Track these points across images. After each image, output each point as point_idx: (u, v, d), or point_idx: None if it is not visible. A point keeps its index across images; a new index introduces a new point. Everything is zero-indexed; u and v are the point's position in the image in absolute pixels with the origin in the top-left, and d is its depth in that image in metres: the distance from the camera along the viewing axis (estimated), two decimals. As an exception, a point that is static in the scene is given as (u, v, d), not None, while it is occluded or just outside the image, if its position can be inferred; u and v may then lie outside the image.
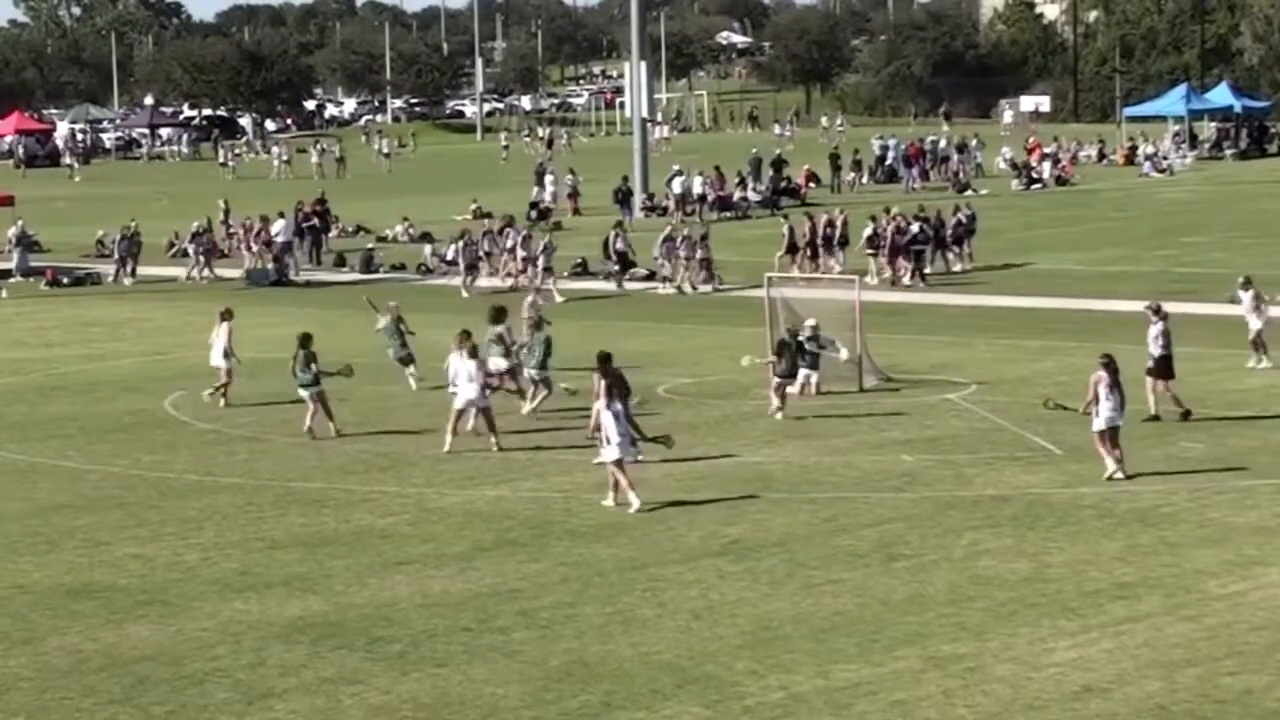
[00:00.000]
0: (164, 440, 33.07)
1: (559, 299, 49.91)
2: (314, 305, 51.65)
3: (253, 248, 60.20)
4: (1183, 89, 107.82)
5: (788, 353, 33.72)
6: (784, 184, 79.56)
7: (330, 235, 67.05)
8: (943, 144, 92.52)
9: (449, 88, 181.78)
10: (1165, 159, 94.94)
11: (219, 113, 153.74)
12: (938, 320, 46.87)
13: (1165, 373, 32.72)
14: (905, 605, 21.77)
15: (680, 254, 53.76)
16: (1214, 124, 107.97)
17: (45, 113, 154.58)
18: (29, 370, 42.05)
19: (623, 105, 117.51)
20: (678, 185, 74.53)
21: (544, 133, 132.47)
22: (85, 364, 42.98)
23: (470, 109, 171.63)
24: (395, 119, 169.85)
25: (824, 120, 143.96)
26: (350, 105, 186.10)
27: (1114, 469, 27.93)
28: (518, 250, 54.70)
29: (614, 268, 55.28)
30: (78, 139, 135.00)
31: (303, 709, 18.83)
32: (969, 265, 56.37)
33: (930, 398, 35.37)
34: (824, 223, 55.60)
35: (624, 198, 71.26)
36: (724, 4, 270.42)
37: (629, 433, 27.34)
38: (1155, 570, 23.01)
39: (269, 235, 59.62)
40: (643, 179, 76.50)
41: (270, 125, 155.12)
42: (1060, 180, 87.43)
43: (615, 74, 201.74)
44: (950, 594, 22.16)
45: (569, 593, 22.66)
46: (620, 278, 54.64)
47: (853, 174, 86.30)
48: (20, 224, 62.48)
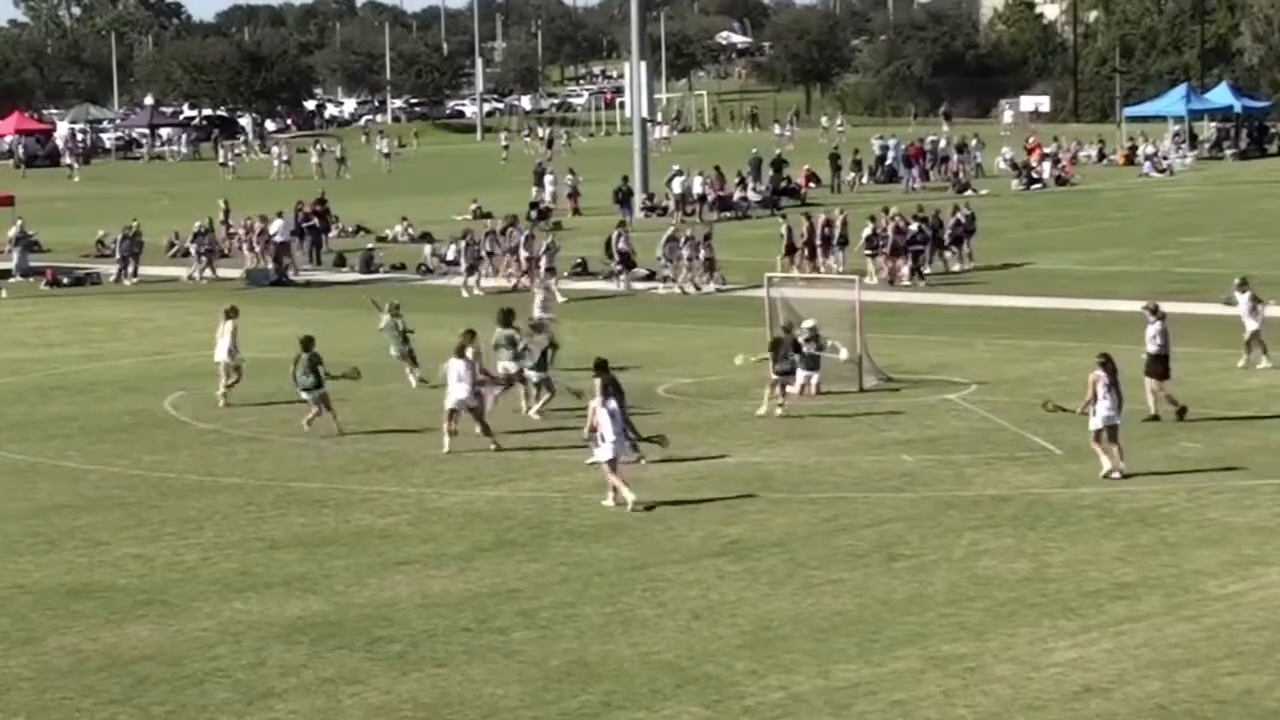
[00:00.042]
0: (164, 440, 33.07)
1: (560, 299, 49.89)
2: (314, 305, 51.66)
3: (255, 248, 60.31)
4: (1183, 89, 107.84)
5: (783, 350, 33.56)
6: (784, 184, 79.57)
7: (330, 235, 67.09)
8: (943, 144, 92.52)
9: (449, 88, 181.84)
10: (1165, 159, 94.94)
11: (219, 113, 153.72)
12: (937, 320, 46.87)
13: (1161, 372, 32.74)
14: (905, 605, 21.77)
15: (684, 254, 53.76)
16: (1214, 124, 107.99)
17: (45, 113, 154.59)
18: (29, 370, 42.04)
19: (623, 105, 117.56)
20: (678, 185, 74.54)
21: (544, 133, 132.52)
22: (85, 364, 42.98)
23: (470, 109, 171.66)
24: (395, 119, 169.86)
25: (824, 120, 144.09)
26: (350, 105, 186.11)
27: (1110, 468, 27.95)
28: (520, 250, 54.71)
29: (617, 268, 55.29)
30: (78, 139, 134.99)
31: (303, 709, 18.83)
32: (968, 265, 56.38)
33: (930, 398, 35.37)
34: (822, 223, 55.62)
35: (624, 198, 71.26)
36: (724, 4, 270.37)
37: (624, 431, 27.37)
38: (1155, 570, 23.02)
39: (268, 235, 59.69)
40: (643, 179, 76.47)
41: (270, 125, 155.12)
42: (1060, 180, 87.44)
43: (615, 74, 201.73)
44: (950, 594, 22.16)
45: (569, 593, 22.66)
46: (628, 279, 54.60)
47: (853, 174, 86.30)
48: (20, 224, 62.48)
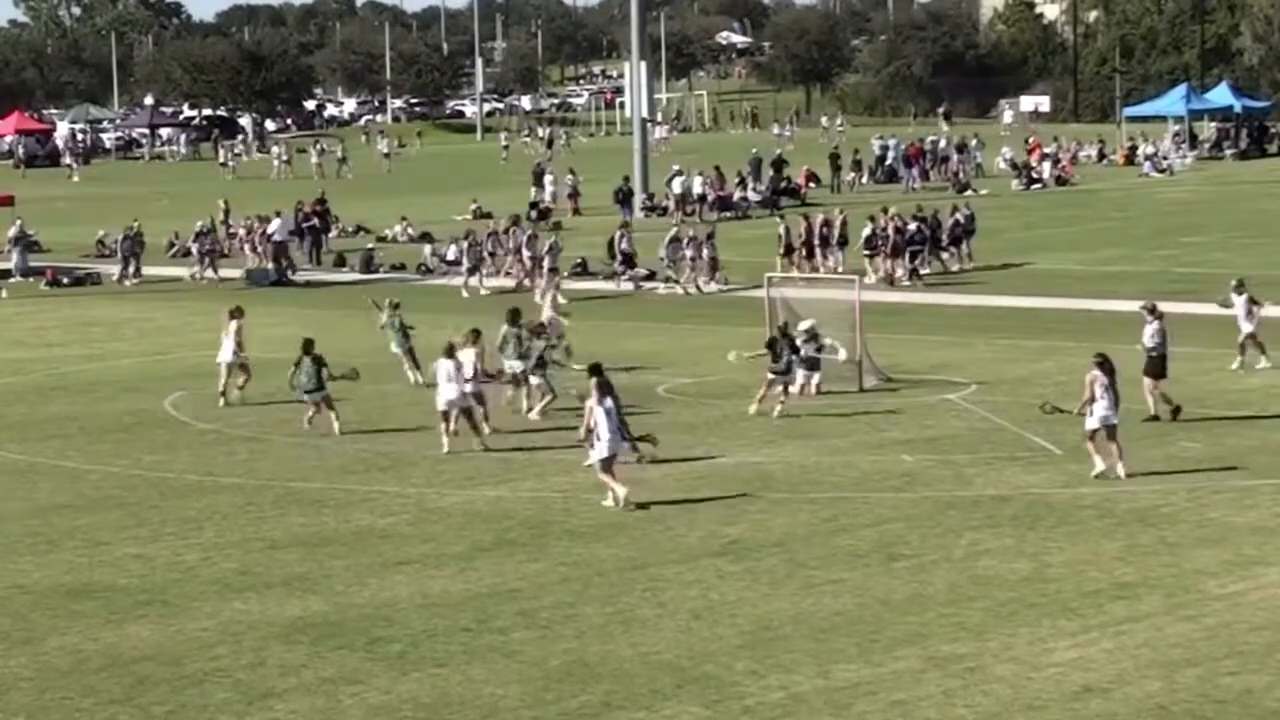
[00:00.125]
0: (164, 440, 33.07)
1: (562, 300, 49.87)
2: (314, 305, 51.66)
3: (257, 248, 60.33)
4: (1183, 89, 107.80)
5: (779, 350, 33.46)
6: (784, 184, 79.55)
7: (330, 235, 67.10)
8: (943, 144, 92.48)
9: (449, 88, 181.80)
10: (1165, 159, 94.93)
11: (219, 113, 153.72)
12: (937, 320, 46.87)
13: (1159, 372, 32.73)
14: (905, 605, 21.77)
15: (687, 254, 53.73)
16: (1214, 124, 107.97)
17: (45, 113, 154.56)
18: (29, 370, 42.04)
19: (623, 105, 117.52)
20: (678, 185, 74.53)
21: (544, 133, 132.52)
22: (85, 364, 42.98)
23: (470, 109, 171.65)
24: (395, 119, 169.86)
25: (824, 120, 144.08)
26: (350, 105, 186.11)
27: (1103, 469, 27.96)
28: (523, 250, 54.70)
29: (619, 268, 55.28)
30: (78, 139, 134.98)
31: (303, 709, 18.84)
32: (968, 265, 56.37)
33: (930, 398, 35.37)
34: (820, 223, 55.61)
35: (624, 198, 71.27)
36: (724, 4, 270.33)
37: (620, 429, 27.38)
38: (1155, 570, 23.02)
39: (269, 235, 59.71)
40: (643, 179, 76.45)
41: (270, 125, 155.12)
42: (1060, 180, 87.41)
43: (615, 74, 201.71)
44: (950, 594, 22.17)
45: (569, 593, 22.66)
46: (635, 279, 54.55)
47: (853, 174, 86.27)
48: (20, 224, 62.47)
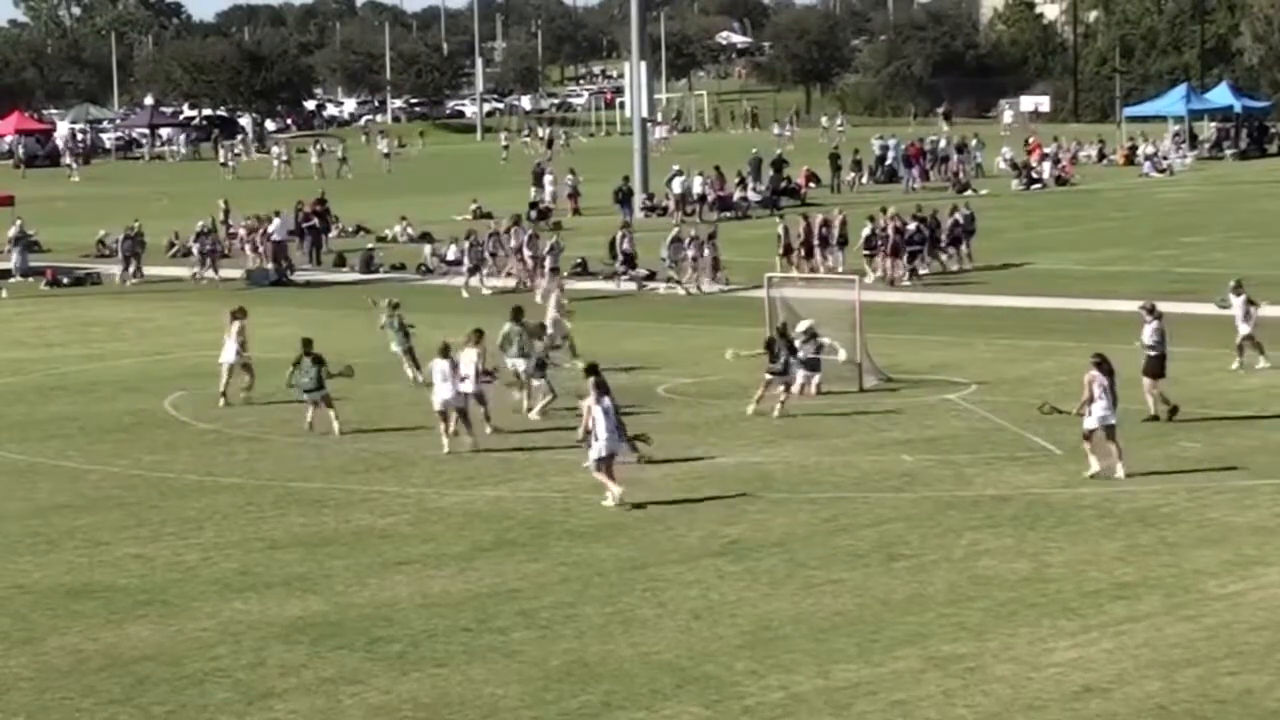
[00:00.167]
0: (164, 440, 33.07)
1: (565, 300, 49.85)
2: (314, 305, 51.65)
3: (258, 248, 60.32)
4: (1183, 89, 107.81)
5: (777, 350, 33.41)
6: (784, 184, 79.55)
7: (330, 235, 67.09)
8: (943, 144, 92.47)
9: (449, 88, 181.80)
10: (1165, 159, 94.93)
11: (219, 113, 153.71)
12: (937, 320, 46.87)
13: (1158, 371, 32.73)
14: (905, 605, 21.77)
15: (689, 255, 53.72)
16: (1214, 124, 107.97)
17: (45, 113, 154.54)
18: (29, 370, 42.04)
19: (623, 105, 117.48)
20: (678, 185, 74.53)
21: (544, 133, 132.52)
22: (85, 364, 42.97)
23: (470, 109, 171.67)
24: (395, 119, 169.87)
25: (824, 120, 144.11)
26: (350, 105, 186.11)
27: (1098, 469, 27.97)
28: (524, 250, 54.69)
29: (620, 268, 55.27)
30: (78, 139, 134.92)
31: (303, 709, 18.84)
32: (968, 265, 56.36)
33: (930, 398, 35.37)
34: (819, 223, 55.60)
35: (624, 198, 71.26)
36: (724, 4, 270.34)
37: (617, 428, 27.38)
38: (1155, 570, 23.02)
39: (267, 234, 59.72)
40: (643, 179, 76.44)
41: (270, 125, 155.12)
42: (1060, 180, 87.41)
43: (615, 74, 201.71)
44: (950, 594, 22.16)
45: (569, 593, 22.66)
46: (637, 279, 54.54)
47: (853, 174, 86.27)
48: (19, 224, 62.46)
